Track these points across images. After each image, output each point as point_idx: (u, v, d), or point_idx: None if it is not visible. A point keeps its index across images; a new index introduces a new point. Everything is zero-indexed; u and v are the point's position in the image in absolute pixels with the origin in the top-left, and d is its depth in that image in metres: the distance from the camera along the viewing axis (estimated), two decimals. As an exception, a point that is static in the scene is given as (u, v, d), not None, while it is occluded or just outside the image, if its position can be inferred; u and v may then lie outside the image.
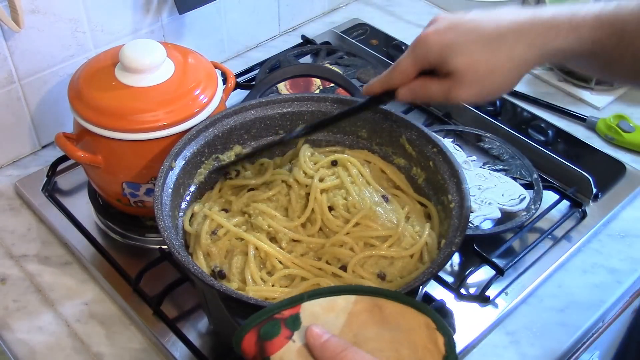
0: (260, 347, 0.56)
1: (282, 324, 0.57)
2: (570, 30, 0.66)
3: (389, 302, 0.59)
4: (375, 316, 0.59)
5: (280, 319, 0.57)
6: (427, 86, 0.72)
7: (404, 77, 0.73)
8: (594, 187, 1.00)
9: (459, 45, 0.68)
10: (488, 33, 0.68)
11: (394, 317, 0.58)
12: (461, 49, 0.68)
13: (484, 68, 0.68)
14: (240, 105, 0.85)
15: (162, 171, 0.76)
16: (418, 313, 0.58)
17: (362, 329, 0.58)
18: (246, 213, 0.79)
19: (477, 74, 0.68)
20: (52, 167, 1.00)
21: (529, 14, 0.68)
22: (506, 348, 0.83)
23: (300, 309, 0.58)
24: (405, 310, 0.59)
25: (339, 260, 0.75)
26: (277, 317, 0.58)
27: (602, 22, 0.65)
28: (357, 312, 0.59)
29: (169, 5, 1.10)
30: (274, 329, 0.57)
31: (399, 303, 0.59)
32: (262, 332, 0.57)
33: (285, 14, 1.32)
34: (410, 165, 0.85)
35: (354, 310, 0.59)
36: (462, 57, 0.68)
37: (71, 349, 0.81)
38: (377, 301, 0.59)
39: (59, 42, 1.00)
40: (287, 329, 0.57)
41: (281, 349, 0.56)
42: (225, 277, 0.74)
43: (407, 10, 1.41)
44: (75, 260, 0.92)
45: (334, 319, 0.58)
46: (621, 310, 0.98)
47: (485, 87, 0.69)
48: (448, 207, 0.77)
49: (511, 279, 0.89)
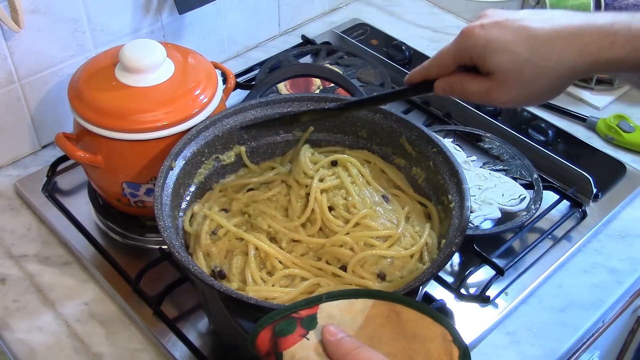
0: (274, 342, 0.57)
1: (298, 322, 0.58)
2: (629, 39, 0.60)
3: (407, 309, 0.59)
4: (392, 322, 0.59)
5: (297, 318, 0.58)
6: (466, 83, 0.68)
7: (442, 69, 0.70)
8: (594, 187, 1.00)
9: (505, 44, 0.63)
10: (538, 34, 0.63)
11: (410, 325, 0.58)
12: (507, 47, 0.63)
13: (530, 71, 0.63)
14: (240, 105, 0.85)
15: (162, 171, 0.76)
16: (435, 323, 0.58)
17: (378, 332, 0.58)
18: (246, 213, 0.79)
19: (521, 75, 0.64)
20: (52, 167, 1.00)
21: (584, 18, 0.63)
22: (506, 348, 0.83)
23: (318, 310, 0.59)
24: (423, 319, 0.59)
25: (339, 260, 0.75)
26: (294, 316, 0.58)
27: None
28: (374, 316, 0.59)
29: (169, 5, 1.10)
30: (290, 326, 0.57)
31: (417, 311, 0.59)
32: (277, 329, 0.57)
33: (285, 14, 1.32)
34: (410, 165, 0.85)
35: (371, 313, 0.59)
36: (506, 56, 0.63)
37: (71, 349, 0.81)
38: (395, 307, 0.59)
39: (59, 42, 1.00)
40: (303, 327, 0.57)
41: (295, 345, 0.56)
42: (225, 277, 0.74)
43: (407, 10, 1.41)
44: (75, 260, 0.92)
45: (351, 320, 0.59)
46: (621, 310, 0.98)
47: (528, 92, 0.65)
48: (448, 207, 0.77)
49: (511, 279, 0.89)
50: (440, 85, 0.70)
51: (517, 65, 0.63)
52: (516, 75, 0.64)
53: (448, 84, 0.69)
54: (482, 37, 0.65)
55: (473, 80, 0.67)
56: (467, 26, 0.67)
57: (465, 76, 0.68)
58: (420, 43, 1.30)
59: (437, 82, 0.70)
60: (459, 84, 0.68)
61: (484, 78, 0.66)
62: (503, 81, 0.64)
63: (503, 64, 0.64)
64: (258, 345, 0.57)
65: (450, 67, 0.69)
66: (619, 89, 1.20)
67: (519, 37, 0.63)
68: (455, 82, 0.69)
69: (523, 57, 0.63)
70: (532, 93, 0.65)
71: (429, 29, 1.36)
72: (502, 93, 0.65)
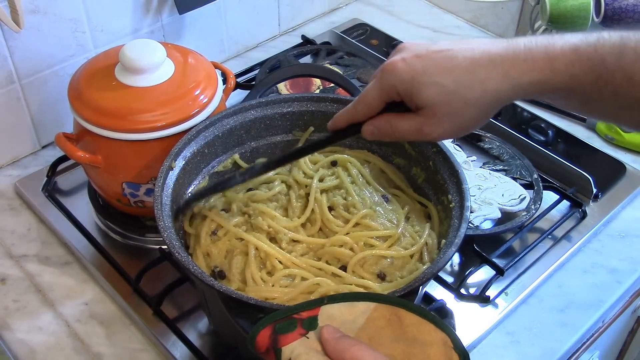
0: (273, 339, 0.57)
1: (298, 323, 0.58)
2: (547, 62, 0.60)
3: (409, 313, 0.59)
4: (393, 325, 0.59)
5: (298, 319, 0.58)
6: (395, 123, 0.66)
7: (369, 110, 0.67)
8: (594, 187, 1.00)
9: (430, 76, 0.62)
10: (461, 64, 0.62)
11: (411, 329, 0.59)
12: (433, 80, 0.62)
13: (457, 101, 0.62)
14: (240, 105, 0.85)
15: (162, 171, 0.76)
16: (437, 329, 0.58)
17: (378, 334, 0.58)
18: (246, 213, 0.79)
19: (450, 107, 0.63)
20: (52, 167, 1.00)
21: (503, 44, 0.62)
22: (506, 348, 0.83)
23: (319, 312, 0.59)
24: (424, 324, 0.59)
25: (339, 260, 0.75)
26: (295, 317, 0.58)
27: (579, 56, 0.59)
28: (375, 318, 0.59)
29: (169, 5, 1.10)
30: (290, 326, 0.58)
31: (418, 316, 0.59)
32: (277, 327, 0.58)
33: (285, 14, 1.32)
34: (410, 165, 0.85)
35: (372, 315, 0.59)
36: (434, 89, 0.62)
37: (71, 349, 0.81)
38: (397, 311, 0.59)
39: (59, 42, 1.00)
40: (303, 328, 0.58)
41: (294, 341, 0.57)
42: (225, 277, 0.74)
43: (407, 10, 1.41)
44: (75, 260, 0.92)
45: (352, 322, 0.59)
46: (621, 310, 0.98)
47: (459, 123, 0.64)
48: (448, 207, 0.77)
49: (511, 279, 0.89)
50: (368, 129, 0.68)
51: (445, 97, 0.62)
52: (445, 107, 0.63)
53: (376, 126, 0.68)
54: (406, 71, 0.63)
55: (402, 118, 0.66)
56: (387, 62, 0.65)
57: (393, 116, 0.66)
58: (420, 43, 1.30)
59: (365, 125, 0.68)
60: (387, 125, 0.67)
61: (413, 115, 0.65)
62: (433, 115, 0.63)
63: (431, 97, 0.62)
64: (257, 343, 0.57)
65: (377, 107, 0.67)
66: (619, 89, 1.20)
67: (443, 68, 0.62)
68: (383, 123, 0.67)
69: (449, 89, 0.62)
70: (463, 124, 0.64)
71: (429, 29, 1.36)
72: (434, 127, 0.64)
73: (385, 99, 0.66)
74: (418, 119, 0.64)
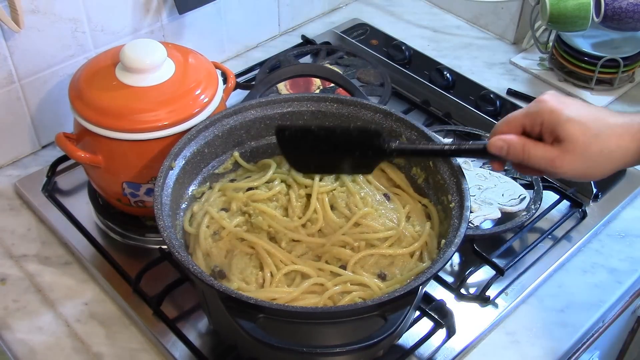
0: None
1: None
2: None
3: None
4: None
5: None
6: (530, 147, 0.68)
7: (506, 126, 0.70)
8: (594, 187, 1.00)
9: (579, 116, 0.66)
10: (605, 116, 0.67)
11: None
12: (581, 120, 0.66)
13: (595, 146, 0.66)
14: (240, 105, 0.85)
15: (162, 171, 0.76)
16: None
17: None
18: (246, 213, 0.79)
19: (587, 149, 0.66)
20: (52, 167, 1.00)
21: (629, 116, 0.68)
22: (506, 348, 0.83)
23: None
24: None
25: (339, 259, 0.75)
26: None
27: None
28: None
29: (169, 5, 1.10)
30: None
31: None
32: None
33: (285, 14, 1.32)
34: (410, 165, 0.85)
35: None
36: (579, 127, 0.65)
37: (71, 349, 0.81)
38: None
39: (59, 42, 1.00)
40: None
41: None
42: (225, 277, 0.74)
43: (407, 10, 1.41)
44: (75, 260, 0.92)
45: None
46: (621, 310, 0.98)
47: (588, 167, 0.67)
48: (448, 207, 0.77)
49: (511, 279, 0.89)
50: (497, 143, 0.69)
51: (587, 139, 0.65)
52: (584, 147, 0.66)
53: (507, 142, 0.69)
54: (557, 103, 0.67)
55: (537, 145, 0.67)
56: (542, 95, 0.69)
57: (528, 140, 0.68)
58: (420, 43, 1.30)
59: (494, 139, 0.69)
60: (520, 146, 0.68)
61: (549, 146, 0.67)
62: (571, 151, 0.66)
63: (575, 134, 0.65)
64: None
65: (515, 128, 0.69)
66: (619, 89, 1.20)
67: (590, 115, 0.67)
68: (516, 143, 0.68)
69: (593, 133, 0.66)
70: (590, 169, 0.67)
71: (429, 29, 1.36)
72: (566, 162, 0.66)
73: (527, 124, 0.69)
74: (554, 151, 0.67)
